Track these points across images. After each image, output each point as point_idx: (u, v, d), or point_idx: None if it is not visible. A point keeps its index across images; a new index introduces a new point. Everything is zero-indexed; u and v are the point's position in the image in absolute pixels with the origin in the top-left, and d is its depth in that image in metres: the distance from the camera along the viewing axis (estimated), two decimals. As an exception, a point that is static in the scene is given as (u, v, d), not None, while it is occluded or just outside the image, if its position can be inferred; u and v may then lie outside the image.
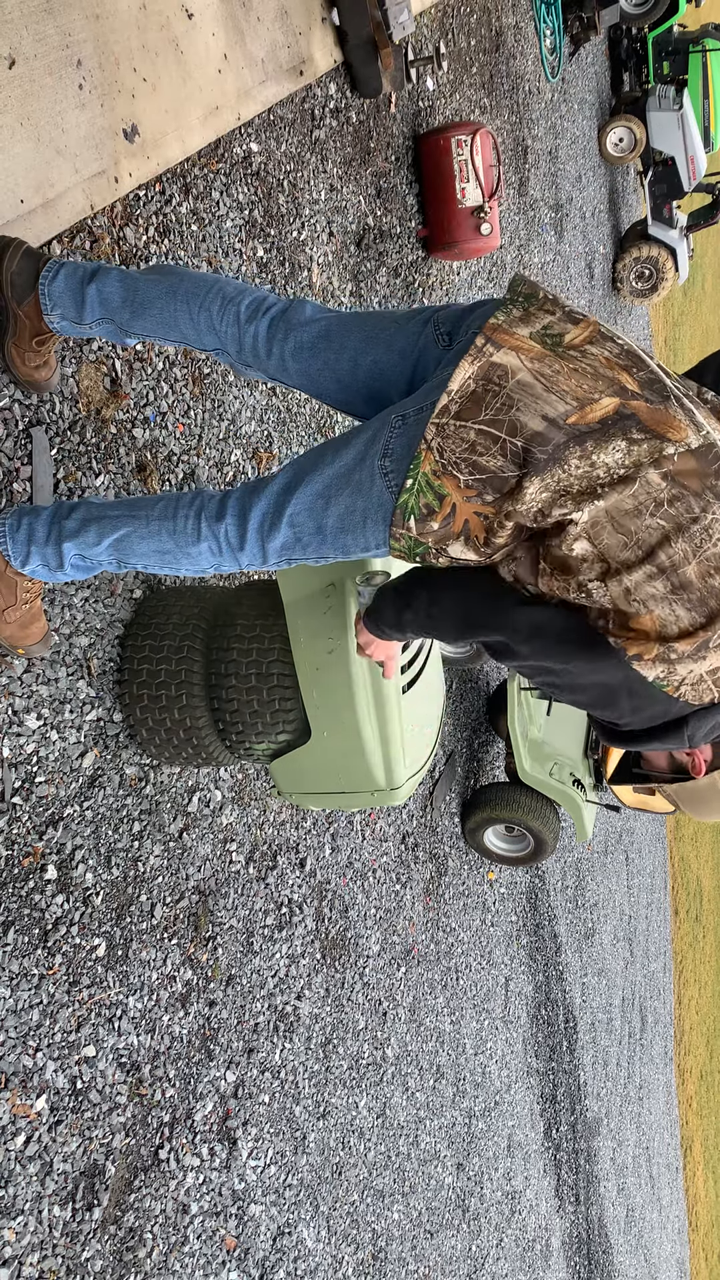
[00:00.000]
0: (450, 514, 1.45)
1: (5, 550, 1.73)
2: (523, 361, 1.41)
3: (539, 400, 1.39)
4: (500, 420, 1.40)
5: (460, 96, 4.52)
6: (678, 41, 8.52)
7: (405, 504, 1.46)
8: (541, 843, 4.34)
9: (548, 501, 1.38)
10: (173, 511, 1.67)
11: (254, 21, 2.66)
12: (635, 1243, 7.75)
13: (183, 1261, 2.23)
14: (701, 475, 1.35)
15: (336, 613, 1.90)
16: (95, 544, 1.69)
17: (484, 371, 1.41)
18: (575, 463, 1.37)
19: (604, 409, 1.37)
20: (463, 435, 1.41)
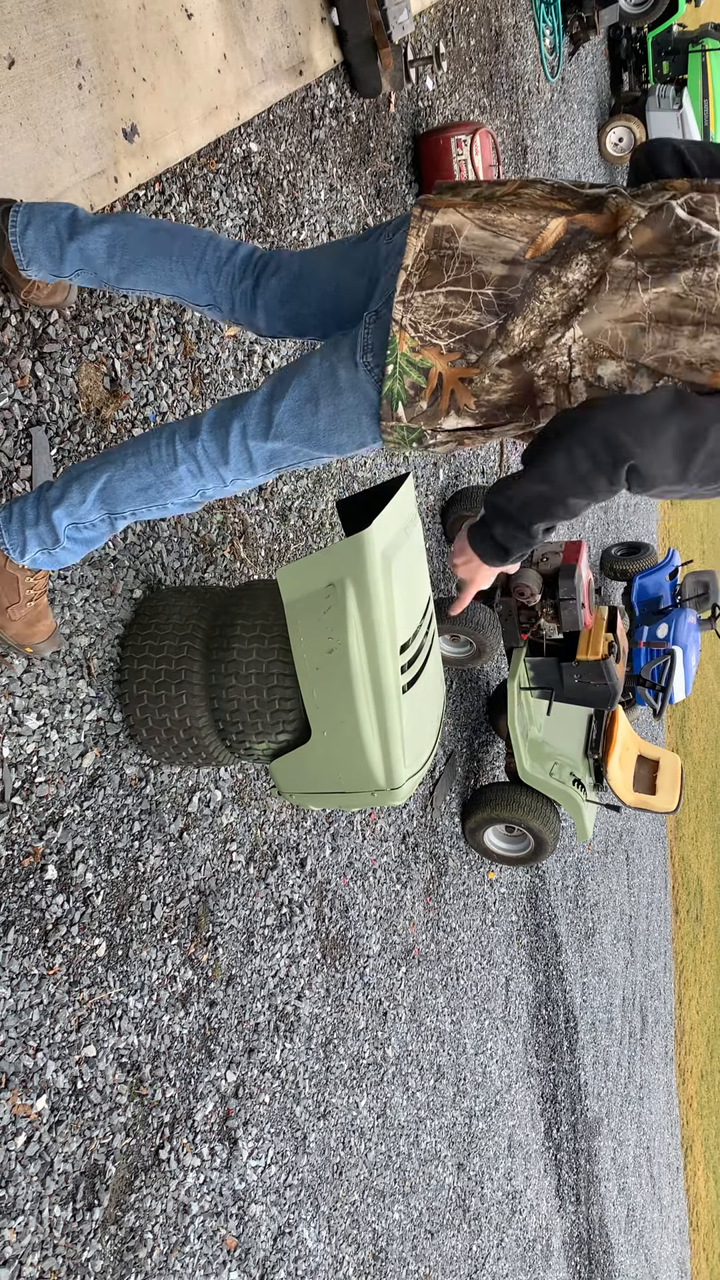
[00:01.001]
0: (437, 387, 1.47)
1: (3, 545, 1.72)
2: (464, 215, 1.45)
3: (492, 247, 1.43)
4: (464, 277, 1.43)
5: (460, 96, 4.52)
6: (677, 41, 8.52)
7: (390, 391, 1.49)
8: (542, 842, 4.34)
9: (538, 337, 1.42)
10: (145, 445, 1.66)
11: (253, 21, 2.66)
12: (636, 1243, 7.75)
13: (183, 1261, 2.23)
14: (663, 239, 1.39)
15: (336, 613, 1.90)
16: (81, 502, 1.67)
17: (432, 239, 1.45)
18: (548, 291, 1.41)
19: (554, 231, 1.42)
20: (432, 303, 1.45)
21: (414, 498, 2.15)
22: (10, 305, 1.86)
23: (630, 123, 8.11)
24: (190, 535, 2.42)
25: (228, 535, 2.60)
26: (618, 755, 4.52)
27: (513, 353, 1.43)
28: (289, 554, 2.94)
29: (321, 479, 3.15)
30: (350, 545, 1.87)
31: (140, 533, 2.21)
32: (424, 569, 2.12)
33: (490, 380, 1.46)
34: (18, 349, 1.87)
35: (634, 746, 4.71)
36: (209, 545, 2.50)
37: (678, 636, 6.19)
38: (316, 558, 1.89)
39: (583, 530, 7.00)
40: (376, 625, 1.90)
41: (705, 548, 14.65)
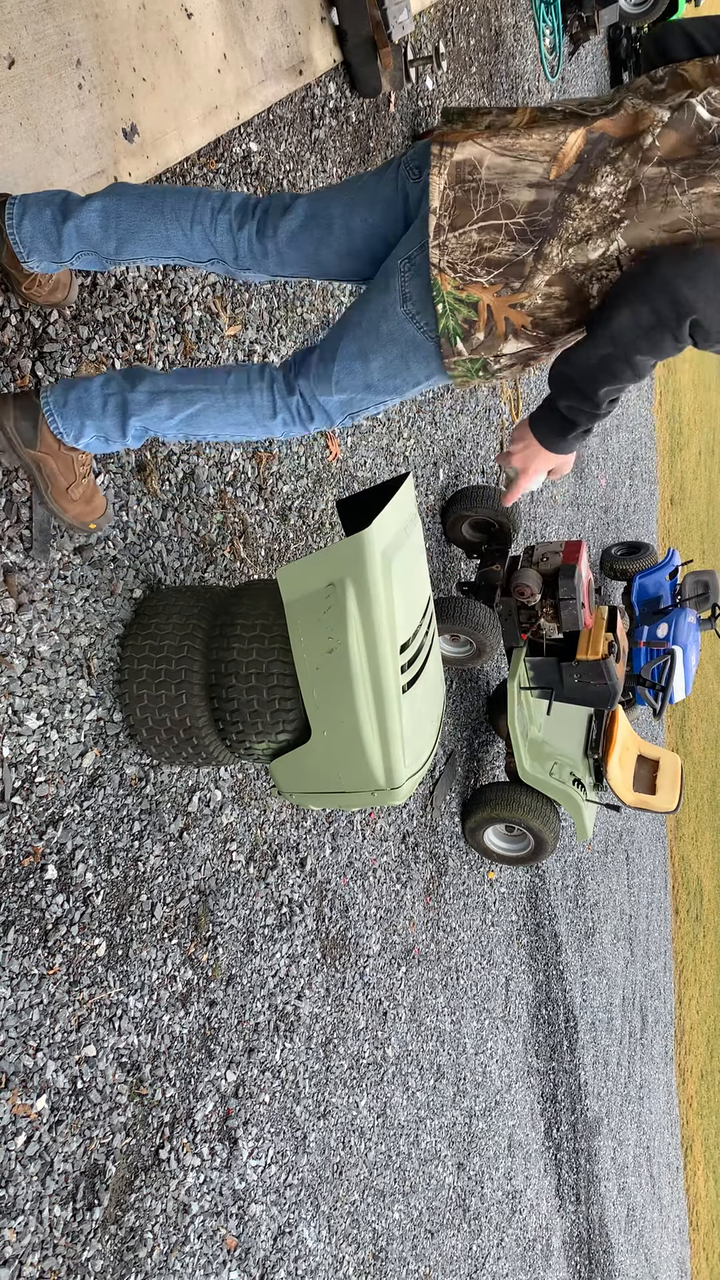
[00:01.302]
0: (489, 317, 1.52)
1: (56, 429, 1.73)
2: (483, 145, 1.46)
3: (515, 174, 1.44)
4: (494, 209, 1.45)
5: (460, 96, 4.52)
6: (677, 41, 8.51)
7: (445, 329, 1.54)
8: (542, 842, 4.34)
9: (577, 253, 1.45)
10: (247, 385, 1.73)
11: (253, 21, 2.66)
12: (636, 1242, 7.75)
13: (183, 1261, 2.23)
14: (689, 142, 1.39)
15: (336, 613, 1.90)
16: (169, 417, 1.72)
17: (454, 175, 1.46)
18: (578, 208, 1.43)
19: (575, 145, 1.42)
20: (466, 241, 1.47)
21: (414, 498, 2.15)
22: (10, 305, 1.86)
23: (630, 122, 8.11)
24: (190, 535, 2.42)
25: (228, 535, 2.60)
26: (618, 755, 4.52)
27: (555, 272, 1.46)
28: (289, 554, 2.94)
29: (321, 479, 3.15)
30: (350, 545, 1.87)
31: (140, 532, 2.22)
32: (424, 569, 2.12)
33: (542, 300, 1.49)
34: (18, 349, 1.87)
35: (634, 746, 4.71)
36: (209, 545, 2.50)
37: (678, 636, 6.19)
38: (316, 558, 1.89)
39: (583, 530, 7.00)
40: (376, 625, 1.90)
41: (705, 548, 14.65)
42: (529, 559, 3.93)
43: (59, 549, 1.96)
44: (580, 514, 6.97)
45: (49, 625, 1.92)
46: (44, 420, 1.73)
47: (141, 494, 2.23)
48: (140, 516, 2.22)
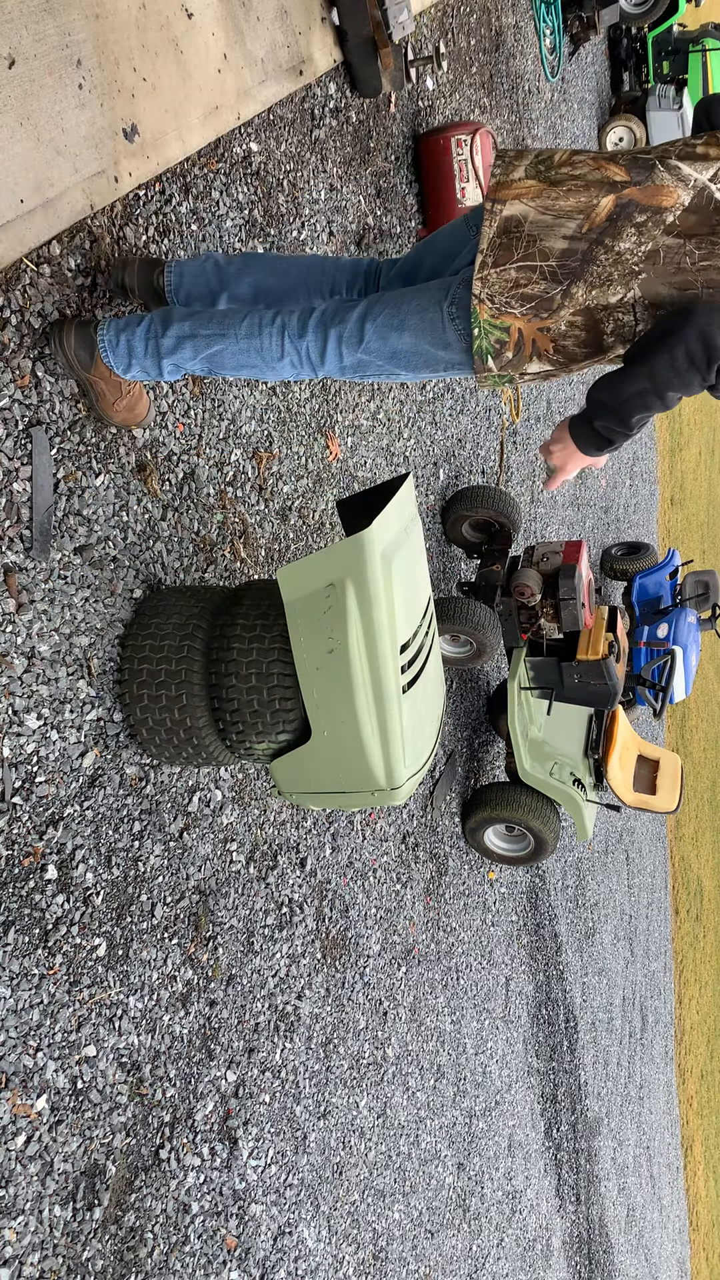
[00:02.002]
0: (519, 340, 1.79)
1: (108, 360, 2.00)
2: (528, 205, 1.74)
3: (553, 227, 1.72)
4: (531, 253, 1.73)
5: (460, 96, 4.52)
6: (677, 41, 8.51)
7: (479, 349, 1.82)
8: (542, 842, 4.33)
9: (599, 296, 1.72)
10: (257, 330, 1.95)
11: (254, 21, 2.66)
12: (636, 1242, 7.75)
13: (183, 1261, 2.23)
14: (705, 222, 1.66)
15: (336, 613, 1.90)
16: (192, 358, 1.98)
17: (502, 226, 1.75)
18: (603, 257, 1.69)
19: (605, 208, 1.69)
20: (505, 277, 1.74)
21: (414, 498, 2.15)
22: (10, 305, 1.86)
23: (630, 123, 8.11)
24: (190, 535, 2.42)
25: (228, 535, 2.60)
26: (618, 755, 4.52)
27: (579, 308, 1.73)
28: (289, 554, 2.94)
29: (321, 479, 3.15)
30: (350, 545, 1.87)
31: (140, 532, 2.22)
32: (424, 569, 2.12)
33: (565, 328, 1.76)
34: (18, 349, 1.87)
35: (634, 746, 4.71)
36: (209, 545, 2.50)
37: (678, 636, 6.19)
38: (316, 558, 1.89)
39: (583, 530, 7.00)
40: (376, 625, 1.90)
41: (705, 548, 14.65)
42: (529, 559, 3.93)
43: (59, 549, 1.96)
44: (580, 514, 6.97)
45: (49, 625, 1.92)
46: (99, 352, 2.00)
47: (141, 494, 2.23)
48: (140, 516, 2.22)
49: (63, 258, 1.99)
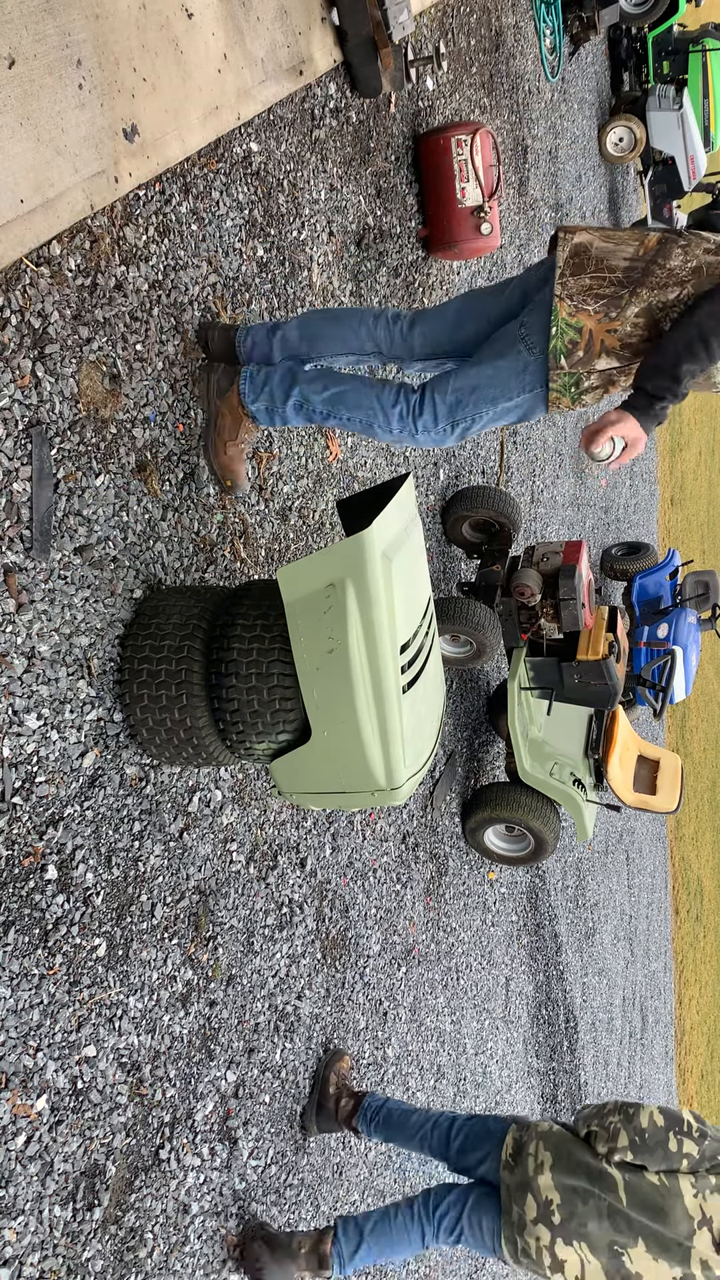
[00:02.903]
0: (589, 339, 2.18)
1: (243, 390, 2.36)
2: (593, 237, 2.21)
3: (614, 252, 2.17)
4: (601, 267, 2.17)
5: (460, 96, 4.52)
6: (678, 41, 8.51)
7: (554, 349, 2.19)
8: (542, 842, 4.33)
9: (658, 296, 2.14)
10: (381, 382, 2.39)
11: (254, 21, 2.66)
12: (636, 1242, 7.74)
13: (183, 1261, 2.23)
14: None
15: (336, 613, 1.90)
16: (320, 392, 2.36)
17: (573, 250, 2.20)
18: (659, 271, 2.13)
19: (655, 238, 2.17)
20: (581, 283, 2.17)
21: (414, 498, 2.15)
22: (11, 305, 1.86)
23: (630, 123, 8.11)
24: (190, 535, 2.42)
25: (228, 535, 2.60)
26: (618, 755, 4.52)
27: (642, 306, 2.14)
28: (289, 554, 2.94)
29: (322, 479, 3.15)
30: (350, 545, 1.87)
31: (140, 532, 2.22)
32: (424, 569, 2.12)
33: (630, 327, 2.15)
34: (18, 349, 1.87)
35: (634, 746, 4.71)
36: (209, 545, 2.50)
37: (678, 636, 6.19)
38: (316, 558, 1.89)
39: (583, 530, 7.00)
40: (376, 625, 1.90)
41: (705, 548, 14.65)
42: (529, 559, 3.93)
43: (59, 549, 1.96)
44: (580, 514, 6.97)
45: (49, 625, 1.92)
46: (239, 381, 2.34)
47: (142, 494, 2.23)
48: (140, 516, 2.22)
49: (63, 258, 1.99)
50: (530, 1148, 2.41)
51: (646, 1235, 2.23)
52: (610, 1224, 2.25)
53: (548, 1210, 2.29)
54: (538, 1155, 2.38)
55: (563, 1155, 2.36)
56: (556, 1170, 2.33)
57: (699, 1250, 2.20)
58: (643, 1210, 2.23)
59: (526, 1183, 2.35)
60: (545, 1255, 2.27)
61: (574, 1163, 2.33)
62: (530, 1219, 2.30)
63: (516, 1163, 2.40)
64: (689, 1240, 2.21)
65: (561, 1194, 2.30)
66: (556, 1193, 2.30)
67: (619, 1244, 2.24)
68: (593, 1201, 2.27)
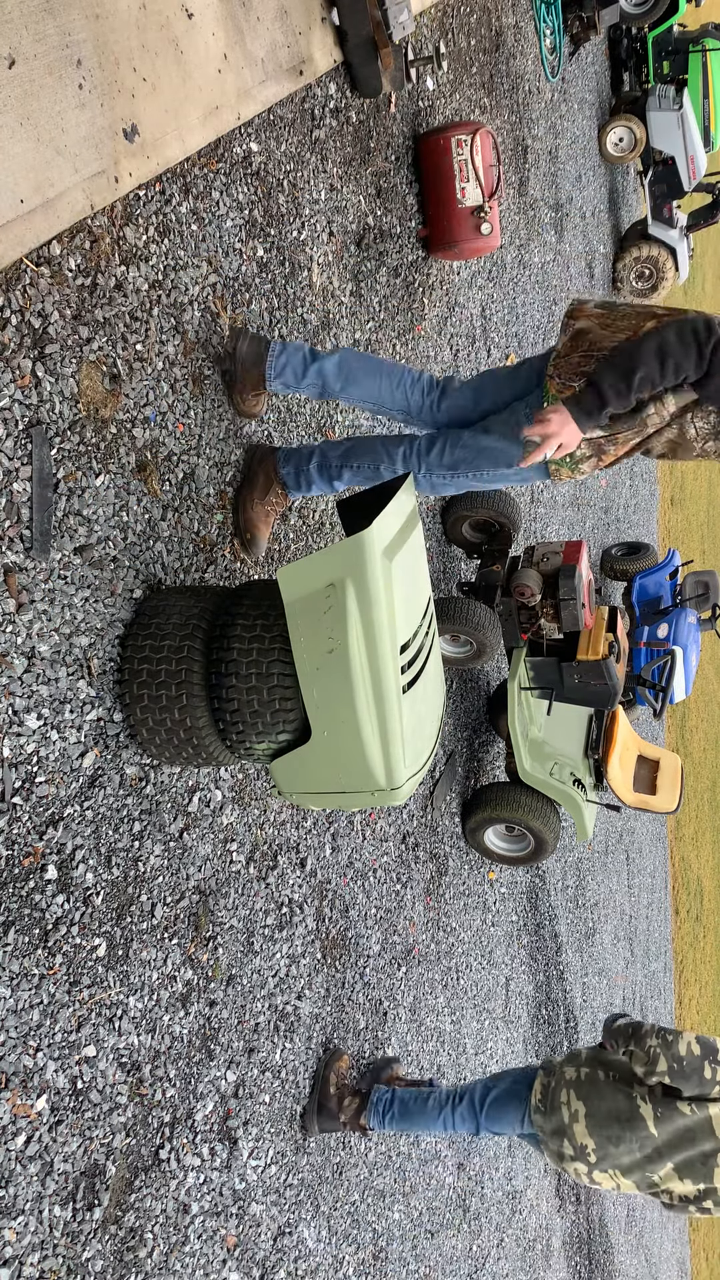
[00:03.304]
0: None
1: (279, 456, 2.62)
2: (593, 324, 2.39)
3: (608, 336, 2.33)
4: (591, 347, 2.35)
5: (460, 96, 4.52)
6: (678, 41, 8.50)
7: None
8: (542, 842, 4.33)
9: None
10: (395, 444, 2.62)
11: (254, 21, 2.66)
12: (636, 1242, 7.74)
13: (183, 1261, 2.23)
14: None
15: (336, 613, 1.90)
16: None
17: (572, 335, 2.40)
18: None
19: (648, 327, 2.27)
20: (570, 361, 2.36)
21: (414, 498, 2.15)
22: (11, 305, 1.86)
23: (630, 123, 8.11)
24: (190, 535, 2.42)
25: (228, 535, 2.60)
26: (618, 755, 4.52)
27: None
28: (289, 554, 2.94)
29: (322, 479, 3.15)
30: (350, 545, 1.87)
31: (140, 532, 2.22)
32: (424, 569, 2.12)
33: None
34: (18, 349, 1.87)
35: (634, 746, 4.71)
36: (209, 545, 2.50)
37: (678, 636, 6.19)
38: (316, 558, 1.89)
39: (583, 530, 7.00)
40: (376, 625, 1.90)
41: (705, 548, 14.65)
42: (529, 559, 3.93)
43: (59, 549, 1.96)
44: (580, 514, 6.97)
45: (49, 625, 1.92)
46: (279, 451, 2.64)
47: (141, 494, 2.23)
48: (140, 516, 2.22)
49: (63, 258, 1.99)
50: (562, 1096, 2.63)
51: (675, 1159, 2.49)
52: (642, 1156, 2.52)
53: (584, 1153, 2.57)
54: (570, 1105, 2.61)
55: (595, 1105, 2.58)
56: (590, 1121, 2.57)
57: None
58: (672, 1138, 2.48)
59: (561, 1130, 2.60)
60: (583, 1179, 2.61)
61: (606, 1111, 2.56)
62: (568, 1156, 2.60)
63: (548, 1109, 2.63)
64: (714, 1160, 2.46)
65: (596, 1141, 2.55)
66: (591, 1139, 2.56)
67: (650, 1169, 2.52)
68: (624, 1144, 2.52)
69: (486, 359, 4.89)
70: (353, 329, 3.37)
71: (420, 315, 4.02)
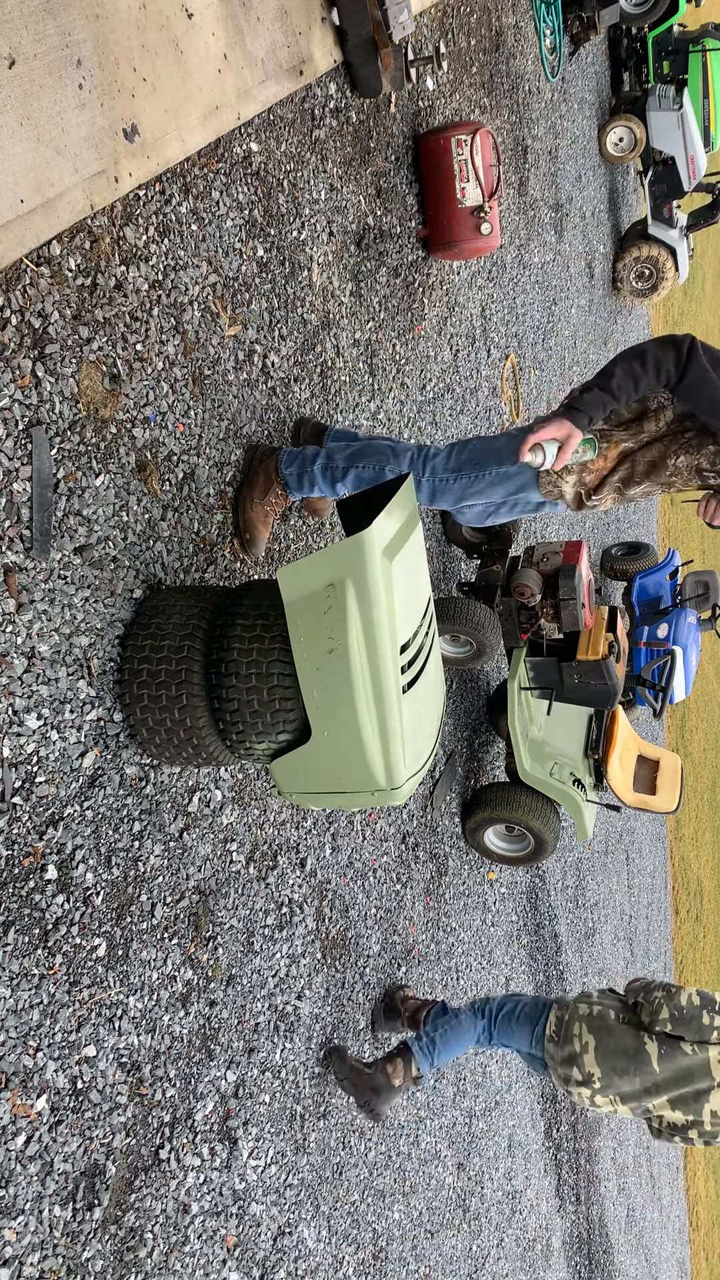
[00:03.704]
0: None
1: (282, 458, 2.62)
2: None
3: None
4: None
5: (460, 96, 4.52)
6: (678, 41, 8.50)
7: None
8: (542, 842, 4.33)
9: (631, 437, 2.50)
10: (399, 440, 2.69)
11: (254, 21, 2.66)
12: (636, 1243, 7.74)
13: (183, 1261, 2.23)
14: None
15: (336, 613, 1.90)
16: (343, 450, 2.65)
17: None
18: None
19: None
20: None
21: (414, 498, 2.15)
22: (11, 305, 1.86)
23: (631, 123, 8.11)
24: (190, 535, 2.42)
25: (228, 535, 2.60)
26: (618, 755, 4.52)
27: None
28: (289, 554, 2.94)
29: (322, 479, 3.15)
30: (350, 545, 1.87)
31: (140, 532, 2.22)
32: (424, 569, 2.12)
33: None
34: (18, 349, 1.87)
35: (634, 746, 4.71)
36: (209, 545, 2.50)
37: (678, 636, 6.19)
38: (316, 558, 1.89)
39: (583, 530, 7.00)
40: (376, 625, 1.90)
41: (705, 548, 14.65)
42: (529, 559, 3.93)
43: (59, 549, 1.96)
44: (580, 514, 6.97)
45: (49, 625, 1.92)
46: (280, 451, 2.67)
47: (141, 494, 2.23)
48: (140, 516, 2.22)
49: (63, 258, 1.99)
50: (574, 1029, 2.92)
51: (671, 1094, 2.81)
52: (642, 1089, 2.82)
53: (590, 1080, 2.87)
54: (582, 1037, 2.90)
55: (603, 1039, 2.88)
56: (599, 1052, 2.87)
57: (711, 1104, 2.78)
58: (672, 1076, 2.80)
59: (572, 1058, 2.89)
60: (584, 1102, 2.91)
61: (613, 1045, 2.86)
62: (575, 1081, 2.89)
63: (561, 1039, 2.93)
64: (705, 1097, 2.77)
65: (602, 1070, 2.86)
66: (598, 1068, 2.86)
67: (647, 1100, 2.83)
68: (628, 1077, 2.82)
69: (486, 359, 4.90)
70: (353, 329, 3.37)
71: (420, 315, 4.02)
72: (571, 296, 6.96)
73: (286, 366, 2.91)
